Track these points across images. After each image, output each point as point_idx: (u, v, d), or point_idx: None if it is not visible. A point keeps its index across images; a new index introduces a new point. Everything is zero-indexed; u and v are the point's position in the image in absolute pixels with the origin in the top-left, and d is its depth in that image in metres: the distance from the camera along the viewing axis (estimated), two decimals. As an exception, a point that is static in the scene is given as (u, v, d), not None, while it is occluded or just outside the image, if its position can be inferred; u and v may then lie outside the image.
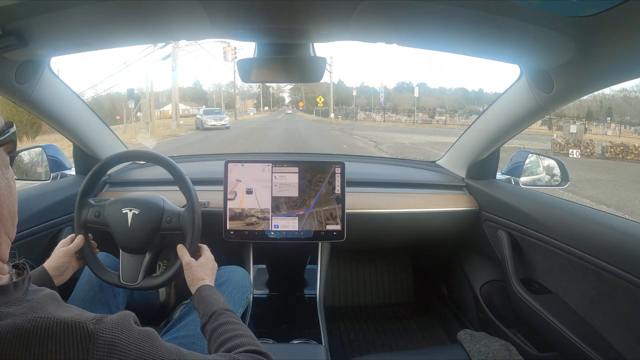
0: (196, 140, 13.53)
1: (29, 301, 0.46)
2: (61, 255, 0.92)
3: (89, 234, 1.01)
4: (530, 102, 1.04)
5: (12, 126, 0.49)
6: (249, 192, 1.26)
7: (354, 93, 46.45)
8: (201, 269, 0.90)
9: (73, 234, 0.99)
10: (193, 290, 0.85)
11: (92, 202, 1.02)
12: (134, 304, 1.14)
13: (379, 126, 26.24)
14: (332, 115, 35.19)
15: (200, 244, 0.99)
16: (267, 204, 1.26)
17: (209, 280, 0.88)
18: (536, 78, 0.96)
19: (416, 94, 37.84)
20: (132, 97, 16.30)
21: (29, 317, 0.42)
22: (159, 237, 0.99)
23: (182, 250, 0.94)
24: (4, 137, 0.48)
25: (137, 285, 0.97)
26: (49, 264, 0.91)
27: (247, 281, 1.12)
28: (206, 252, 0.97)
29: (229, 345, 0.65)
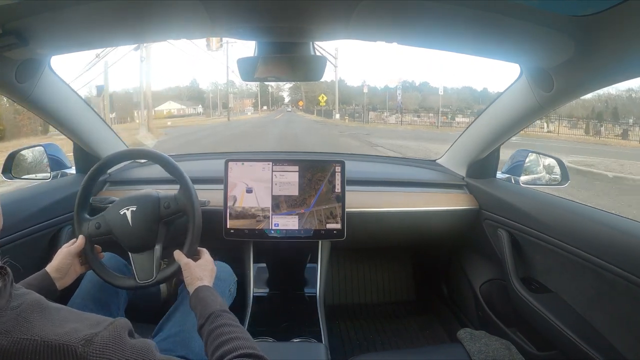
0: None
1: (14, 309, 0.44)
2: (63, 256, 0.91)
3: (96, 246, 1.00)
4: (531, 101, 1.04)
5: None
6: (249, 191, 1.26)
7: (365, 90, 41.27)
8: (200, 269, 0.90)
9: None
10: (191, 290, 0.85)
11: (88, 216, 1.01)
12: (136, 302, 1.14)
13: (396, 130, 22.02)
14: (337, 115, 30.51)
15: (199, 248, 0.98)
16: (267, 203, 1.26)
17: (208, 281, 0.87)
18: (536, 77, 0.96)
19: (441, 91, 33.44)
20: (101, 94, 14.87)
21: (14, 338, 0.40)
22: (163, 226, 0.99)
23: (178, 254, 0.93)
24: None
25: (156, 280, 0.96)
26: (51, 266, 0.89)
27: (229, 274, 1.13)
28: (205, 255, 0.97)
29: (225, 348, 0.65)
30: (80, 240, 0.95)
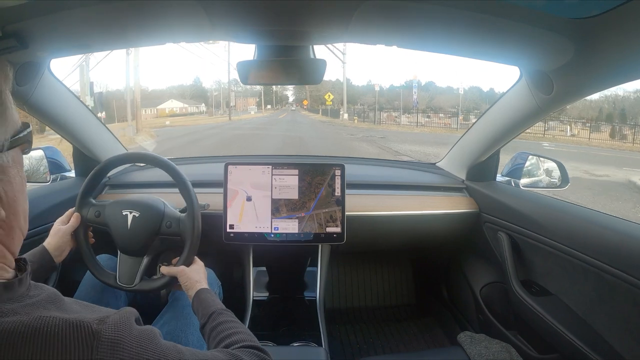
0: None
1: (32, 298, 0.47)
2: (61, 235, 0.96)
3: (90, 228, 1.01)
4: (530, 104, 1.04)
5: (28, 127, 0.52)
6: (249, 195, 1.26)
7: (377, 88, 38.96)
8: (196, 273, 0.93)
9: (70, 211, 1.01)
10: (192, 293, 0.87)
11: (93, 201, 1.03)
12: (136, 306, 1.13)
13: (412, 132, 19.90)
14: (345, 115, 27.55)
15: None
16: (267, 207, 1.26)
17: (205, 284, 0.90)
18: (536, 80, 0.96)
19: (461, 91, 31.20)
20: (91, 93, 14.10)
21: (34, 315, 0.43)
22: (158, 240, 0.99)
23: (165, 269, 0.95)
24: (21, 136, 0.49)
25: (134, 287, 0.97)
26: (49, 243, 0.94)
27: (213, 279, 1.16)
28: (197, 260, 0.99)
29: (228, 341, 0.67)
30: (75, 219, 0.98)
